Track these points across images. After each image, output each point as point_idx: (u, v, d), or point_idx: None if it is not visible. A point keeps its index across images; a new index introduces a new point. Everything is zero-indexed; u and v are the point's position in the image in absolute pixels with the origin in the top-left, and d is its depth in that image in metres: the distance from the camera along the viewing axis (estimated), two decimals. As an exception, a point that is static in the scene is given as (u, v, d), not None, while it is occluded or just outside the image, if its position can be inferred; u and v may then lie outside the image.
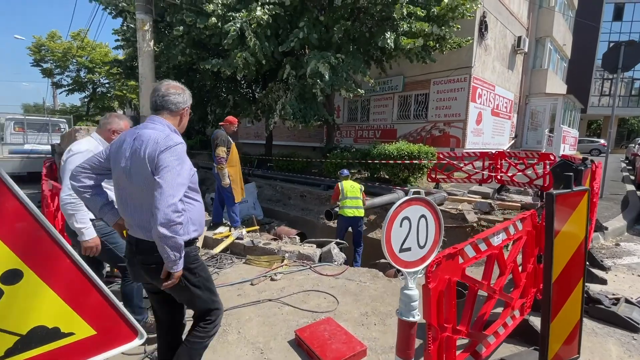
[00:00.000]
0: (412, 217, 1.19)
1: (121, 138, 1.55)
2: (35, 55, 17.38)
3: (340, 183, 5.33)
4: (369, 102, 13.07)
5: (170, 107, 1.57)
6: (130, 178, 1.45)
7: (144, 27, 6.95)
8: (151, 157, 1.39)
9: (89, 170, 1.56)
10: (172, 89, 1.59)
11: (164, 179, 1.34)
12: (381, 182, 7.92)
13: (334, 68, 6.83)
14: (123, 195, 1.53)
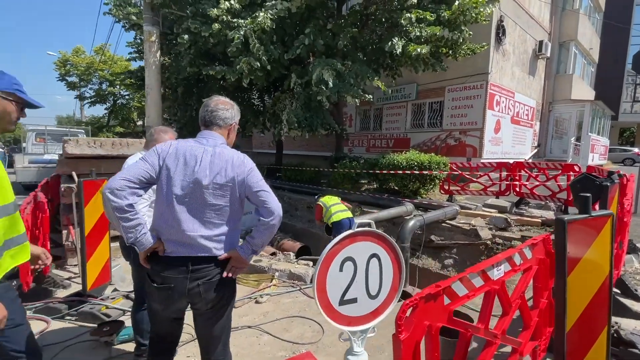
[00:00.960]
0: (358, 257, 0.90)
1: (179, 149, 1.49)
2: (61, 70, 18.31)
3: (320, 201, 5.09)
4: (382, 111, 12.75)
5: (218, 123, 1.60)
6: (210, 194, 1.46)
7: (151, 38, 7.02)
8: (240, 176, 1.49)
9: (137, 184, 1.40)
10: (220, 105, 1.62)
11: (265, 187, 1.52)
12: (390, 193, 7.55)
13: (340, 75, 6.62)
14: (188, 211, 1.47)
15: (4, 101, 1.35)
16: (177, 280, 1.46)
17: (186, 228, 1.45)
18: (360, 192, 7.90)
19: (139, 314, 2.38)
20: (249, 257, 1.53)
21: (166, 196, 1.46)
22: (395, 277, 1.05)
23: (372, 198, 7.38)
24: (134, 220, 1.39)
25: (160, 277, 1.48)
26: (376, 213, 5.94)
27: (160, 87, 7.36)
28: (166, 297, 1.49)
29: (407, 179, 7.02)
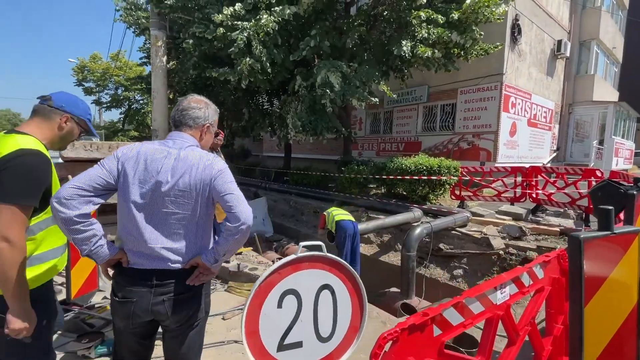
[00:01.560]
0: (303, 289, 0.71)
1: (141, 153, 1.34)
2: (78, 76, 18.87)
3: (325, 211, 5.07)
4: (392, 114, 12.48)
5: (188, 123, 1.46)
6: (172, 201, 1.32)
7: (157, 43, 7.04)
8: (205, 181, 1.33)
9: (90, 192, 1.24)
10: (193, 103, 1.48)
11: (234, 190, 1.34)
12: (398, 198, 7.28)
13: (346, 77, 6.44)
14: (149, 220, 1.32)
15: (75, 125, 1.51)
16: (139, 294, 1.32)
17: (148, 238, 1.31)
18: (368, 197, 7.67)
19: None
20: (214, 266, 1.36)
21: (125, 204, 1.32)
22: (355, 313, 0.85)
23: (379, 203, 7.14)
24: (88, 231, 1.24)
25: (123, 290, 1.35)
26: (382, 219, 5.71)
27: (167, 91, 7.36)
28: (128, 313, 1.34)
29: (416, 184, 6.75)
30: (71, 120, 1.50)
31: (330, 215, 4.84)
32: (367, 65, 6.87)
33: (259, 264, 4.27)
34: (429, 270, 5.20)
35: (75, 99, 1.59)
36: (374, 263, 5.96)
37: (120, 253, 1.35)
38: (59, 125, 1.47)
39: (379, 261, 5.88)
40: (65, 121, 1.48)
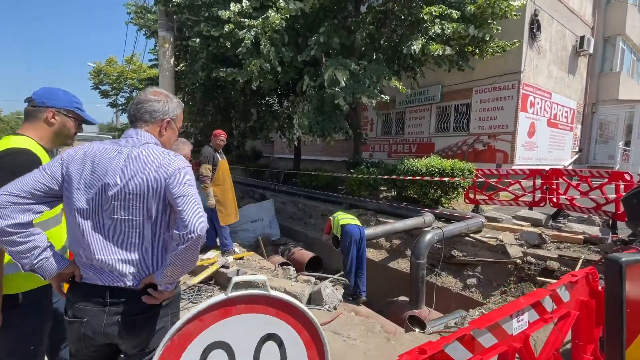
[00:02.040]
0: (236, 341, 0.53)
1: (88, 154, 1.18)
2: (95, 79, 19.41)
3: (331, 216, 4.87)
4: (404, 115, 12.18)
5: (144, 117, 1.30)
6: (122, 207, 1.16)
7: (165, 44, 7.02)
8: (160, 181, 1.17)
9: (29, 199, 1.10)
10: (151, 96, 1.33)
11: (188, 192, 1.16)
12: (409, 202, 7.00)
13: (355, 75, 6.24)
14: (98, 229, 1.16)
15: (65, 118, 1.49)
16: (91, 313, 1.16)
17: (95, 249, 1.15)
18: (377, 200, 7.42)
19: None
20: (162, 286, 1.17)
21: (69, 211, 1.17)
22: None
23: (389, 207, 6.89)
24: (26, 243, 1.09)
25: (73, 308, 1.19)
26: (391, 224, 5.47)
27: (174, 93, 7.32)
28: (78, 335, 1.18)
29: (427, 186, 6.46)
30: (59, 114, 1.48)
31: (336, 220, 4.64)
32: (377, 63, 6.64)
33: (261, 269, 4.13)
34: (441, 279, 4.92)
35: (54, 91, 1.54)
36: (382, 269, 5.72)
37: (72, 266, 1.19)
38: (48, 121, 1.46)
39: (388, 267, 5.63)
40: (52, 116, 1.47)
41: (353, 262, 4.34)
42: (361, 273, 4.42)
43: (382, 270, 5.73)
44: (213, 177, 4.12)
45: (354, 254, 4.35)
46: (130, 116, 1.32)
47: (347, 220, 4.53)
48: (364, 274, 4.47)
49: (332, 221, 4.74)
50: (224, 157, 4.37)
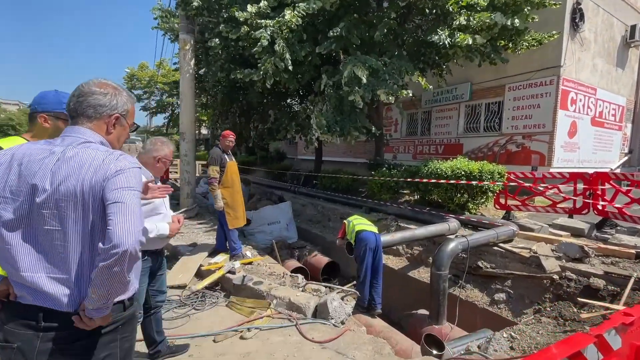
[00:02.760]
0: None
1: (16, 156, 1.04)
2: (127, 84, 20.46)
3: (346, 220, 4.59)
4: (430, 114, 11.64)
5: (87, 112, 1.13)
6: (52, 215, 1.00)
7: (185, 46, 7.09)
8: (98, 184, 1.01)
9: None
10: (95, 88, 1.16)
11: (124, 199, 0.99)
12: (433, 206, 6.57)
13: (375, 71, 5.94)
14: (27, 241, 1.01)
15: (56, 120, 1.48)
16: (23, 338, 1.01)
17: (23, 266, 1.00)
18: (399, 204, 7.05)
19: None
20: (89, 311, 0.99)
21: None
22: None
23: (411, 211, 6.51)
24: None
25: (3, 331, 1.04)
26: (412, 230, 5.11)
27: (194, 95, 7.40)
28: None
29: (453, 190, 6.01)
30: (50, 118, 1.49)
31: (351, 225, 4.37)
32: (399, 59, 6.28)
33: (269, 275, 3.95)
34: (465, 292, 4.50)
35: (44, 94, 1.55)
36: (401, 279, 5.37)
37: (5, 283, 1.05)
38: (42, 126, 1.48)
39: (408, 277, 5.27)
40: (44, 121, 1.48)
41: (368, 271, 4.06)
42: (376, 283, 4.12)
43: (401, 280, 5.38)
44: (221, 179, 4.00)
45: (369, 263, 4.07)
46: (71, 111, 1.15)
47: (363, 226, 4.25)
48: (380, 284, 4.17)
49: (347, 226, 4.48)
50: (232, 158, 4.25)
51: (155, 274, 2.32)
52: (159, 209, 2.19)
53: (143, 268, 2.13)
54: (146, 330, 2.35)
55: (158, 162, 2.19)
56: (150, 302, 2.33)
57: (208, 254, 4.30)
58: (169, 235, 2.15)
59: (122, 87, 1.24)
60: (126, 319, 1.14)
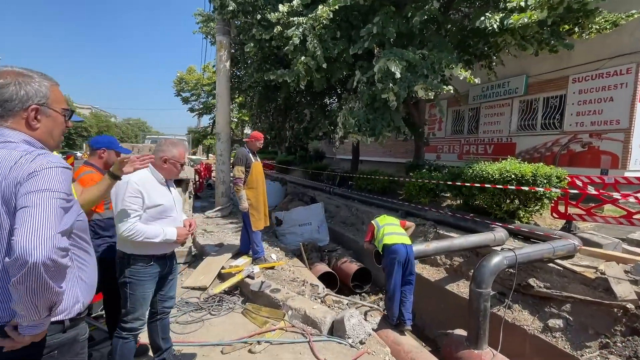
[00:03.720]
0: None
1: None
2: (177, 87, 21.88)
3: (373, 220, 4.20)
4: (478, 111, 10.71)
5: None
6: None
7: (222, 48, 7.21)
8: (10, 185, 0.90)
9: None
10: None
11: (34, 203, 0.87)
12: (477, 213, 5.94)
13: (412, 65, 5.50)
14: None
15: None
16: None
17: None
18: (438, 209, 6.49)
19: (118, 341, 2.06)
20: (30, 329, 0.89)
21: None
22: None
23: (452, 218, 5.94)
24: None
25: None
26: (450, 240, 4.62)
27: (229, 96, 7.51)
28: None
29: (501, 195, 5.35)
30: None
31: (380, 232, 4.00)
32: (441, 50, 5.74)
33: (291, 282, 3.77)
34: (512, 313, 3.93)
35: None
36: (438, 292, 4.89)
37: None
38: None
39: (445, 290, 4.77)
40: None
41: (397, 288, 3.69)
42: (406, 299, 3.74)
43: (438, 293, 4.89)
44: (246, 180, 3.91)
45: (397, 279, 3.70)
46: None
47: (393, 238, 3.82)
48: (410, 299, 3.78)
49: (375, 230, 4.10)
50: (258, 159, 4.15)
51: (165, 279, 2.23)
52: (169, 212, 2.10)
53: (150, 273, 2.06)
54: (151, 335, 2.28)
55: (165, 162, 2.09)
56: (156, 307, 2.25)
57: (232, 256, 4.24)
58: (177, 241, 2.06)
59: (30, 70, 1.07)
60: (64, 343, 1.00)
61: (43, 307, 0.87)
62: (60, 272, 0.86)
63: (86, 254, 1.11)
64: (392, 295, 3.68)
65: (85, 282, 1.09)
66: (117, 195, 1.94)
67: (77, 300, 0.99)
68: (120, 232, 1.90)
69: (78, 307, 1.00)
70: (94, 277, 1.15)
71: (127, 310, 2.03)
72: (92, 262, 1.14)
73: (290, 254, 5.64)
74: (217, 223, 6.27)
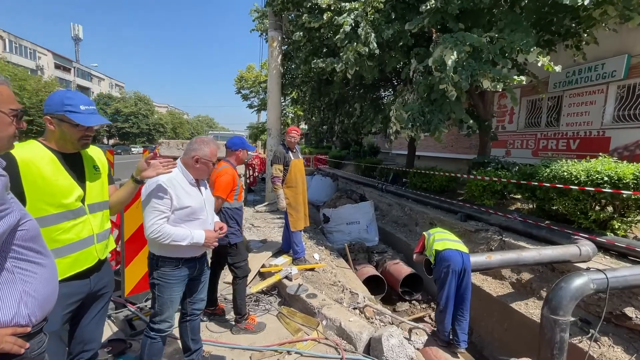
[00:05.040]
0: None
1: None
2: (237, 85, 22.99)
3: (426, 232, 3.77)
4: (560, 100, 9.22)
5: None
6: None
7: (273, 43, 7.22)
8: None
9: None
10: None
11: None
12: (555, 220, 5.05)
13: (478, 51, 4.82)
14: None
15: (59, 122, 1.46)
16: None
17: None
18: (505, 213, 5.69)
19: (146, 340, 2.06)
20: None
21: None
22: None
23: (522, 224, 5.15)
24: None
25: None
26: (518, 251, 3.95)
27: (280, 91, 7.51)
28: None
29: (589, 200, 4.44)
30: (54, 119, 1.46)
31: (431, 239, 3.58)
32: (515, 31, 4.93)
33: (330, 286, 3.57)
34: (599, 347, 3.20)
35: (52, 95, 1.52)
36: (501, 309, 4.25)
37: None
38: (48, 128, 1.48)
39: (510, 309, 4.12)
40: (49, 122, 1.47)
41: (450, 300, 3.25)
42: (462, 317, 3.28)
43: (501, 310, 4.26)
44: (285, 178, 3.79)
45: (451, 290, 3.25)
46: None
47: (446, 243, 3.42)
48: (467, 318, 3.30)
49: (427, 239, 3.71)
50: (298, 156, 3.98)
51: (195, 281, 2.18)
52: (198, 214, 2.03)
53: (178, 276, 2.01)
54: (182, 335, 2.27)
55: (197, 162, 2.01)
56: (187, 309, 2.22)
57: (273, 254, 4.18)
58: (204, 244, 1.98)
59: None
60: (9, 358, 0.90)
61: None
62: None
63: (35, 266, 1.00)
64: (444, 308, 3.25)
65: (34, 297, 0.97)
66: (145, 196, 1.91)
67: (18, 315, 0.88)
68: (148, 234, 1.86)
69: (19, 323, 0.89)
70: (49, 289, 1.04)
71: (155, 312, 2.01)
72: (45, 273, 1.03)
73: (335, 253, 5.44)
74: (265, 218, 6.33)
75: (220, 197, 2.62)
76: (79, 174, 1.53)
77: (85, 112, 1.48)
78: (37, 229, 1.02)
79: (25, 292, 0.94)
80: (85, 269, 1.52)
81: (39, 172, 1.38)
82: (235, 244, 2.79)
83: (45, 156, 1.44)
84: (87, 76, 46.67)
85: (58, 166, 1.45)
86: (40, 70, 34.15)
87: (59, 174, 1.44)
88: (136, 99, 43.03)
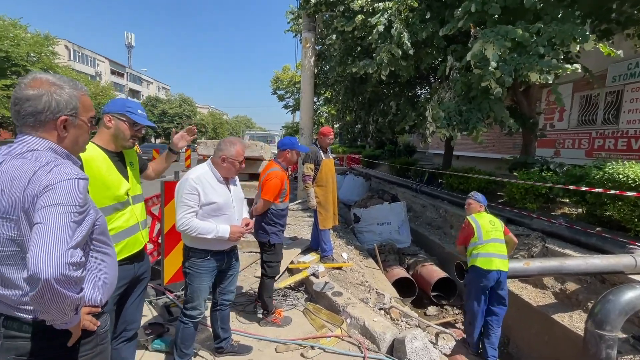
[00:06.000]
0: None
1: None
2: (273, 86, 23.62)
3: (472, 217, 3.32)
4: (620, 95, 8.37)
5: (27, 122, 1.01)
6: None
7: (307, 44, 7.32)
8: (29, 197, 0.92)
9: None
10: (28, 90, 1.00)
11: (47, 219, 0.87)
12: (607, 227, 4.62)
13: (521, 45, 4.53)
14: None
15: (118, 121, 1.69)
16: None
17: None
18: (550, 218, 5.30)
19: (180, 324, 2.24)
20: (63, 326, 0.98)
21: None
22: None
23: (568, 230, 4.78)
24: None
25: None
26: (560, 259, 3.68)
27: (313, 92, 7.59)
28: None
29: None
30: (113, 118, 1.68)
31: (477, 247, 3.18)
32: (562, 22, 4.57)
33: (357, 285, 3.59)
34: (655, 369, 2.89)
35: (115, 100, 1.83)
36: (541, 320, 3.98)
37: None
38: (105, 125, 1.68)
39: (552, 320, 3.84)
40: (108, 120, 1.68)
41: (478, 315, 3.11)
42: (492, 332, 3.12)
43: (541, 321, 3.98)
44: (316, 177, 3.86)
45: (481, 305, 3.10)
46: (14, 120, 1.05)
47: (490, 261, 3.07)
48: (497, 333, 3.14)
49: (473, 238, 3.24)
50: (330, 156, 4.03)
51: (224, 274, 2.32)
52: (224, 210, 2.16)
53: (206, 267, 2.15)
54: (212, 323, 2.41)
55: (224, 161, 2.14)
56: (217, 299, 2.37)
57: (301, 251, 4.27)
58: (230, 238, 2.10)
59: (63, 78, 1.08)
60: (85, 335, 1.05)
61: (67, 310, 0.91)
62: (75, 283, 0.89)
63: (105, 256, 1.16)
64: (472, 320, 3.12)
65: (104, 282, 1.13)
66: (177, 191, 2.07)
67: (94, 296, 1.04)
68: (178, 226, 2.02)
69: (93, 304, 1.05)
70: (113, 275, 1.20)
71: (187, 299, 2.17)
72: (111, 261, 1.19)
73: (364, 253, 5.41)
74: (296, 216, 6.46)
75: (267, 200, 2.73)
76: (123, 170, 1.74)
77: (141, 115, 1.75)
78: (106, 223, 1.19)
79: (97, 278, 1.11)
80: (133, 254, 1.70)
81: (97, 169, 1.59)
82: (274, 244, 2.86)
83: (99, 155, 1.65)
84: (138, 80, 50.52)
85: (109, 163, 1.65)
86: (98, 76, 37.58)
87: (111, 170, 1.65)
88: (180, 101, 45.75)
